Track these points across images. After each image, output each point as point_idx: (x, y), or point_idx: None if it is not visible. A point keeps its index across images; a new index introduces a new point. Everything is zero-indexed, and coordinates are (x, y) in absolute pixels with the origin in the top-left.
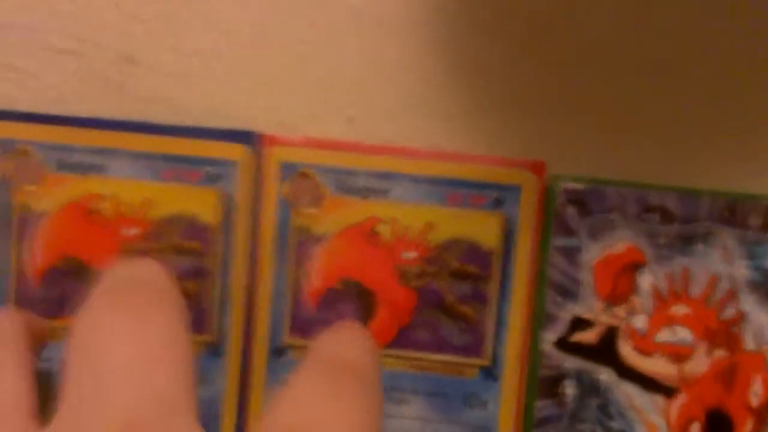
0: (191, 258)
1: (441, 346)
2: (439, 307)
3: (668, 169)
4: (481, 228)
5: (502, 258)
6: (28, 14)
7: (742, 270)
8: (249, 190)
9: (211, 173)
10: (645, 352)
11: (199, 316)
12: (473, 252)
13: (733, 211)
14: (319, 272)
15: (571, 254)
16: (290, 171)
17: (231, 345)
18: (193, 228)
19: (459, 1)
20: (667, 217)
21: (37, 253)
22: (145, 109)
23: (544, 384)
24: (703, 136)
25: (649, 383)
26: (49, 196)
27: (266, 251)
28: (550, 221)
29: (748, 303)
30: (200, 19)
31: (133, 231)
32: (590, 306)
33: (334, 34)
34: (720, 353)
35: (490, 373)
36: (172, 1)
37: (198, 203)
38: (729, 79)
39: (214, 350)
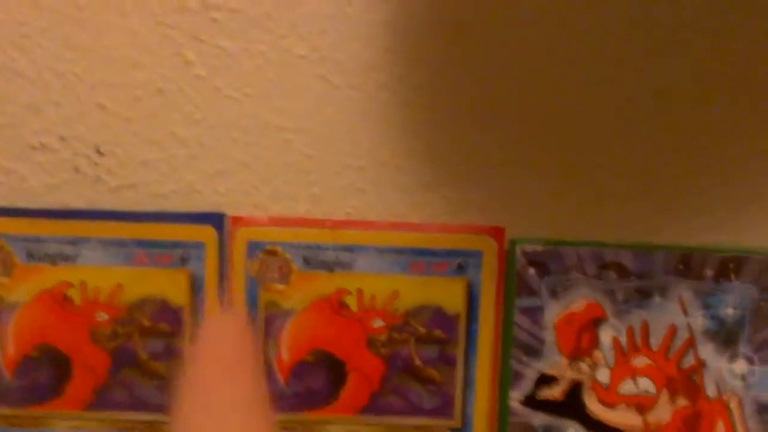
0: (162, 340)
1: (412, 411)
2: (408, 372)
3: (623, 227)
4: (446, 294)
5: (466, 321)
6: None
7: (698, 320)
8: (217, 269)
9: (181, 255)
10: (609, 404)
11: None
12: (439, 317)
13: (687, 264)
14: (288, 346)
15: (534, 314)
16: (257, 249)
17: None
18: (163, 310)
19: (415, 77)
20: (623, 273)
21: (11, 343)
22: (114, 198)
23: None
24: (656, 194)
25: None
26: (21, 287)
27: None
28: (512, 283)
29: (706, 351)
30: (164, 107)
31: (103, 316)
32: (555, 362)
33: (297, 117)
34: (682, 402)
35: None
36: (136, 93)
37: (168, 285)
38: (679, 138)
39: None
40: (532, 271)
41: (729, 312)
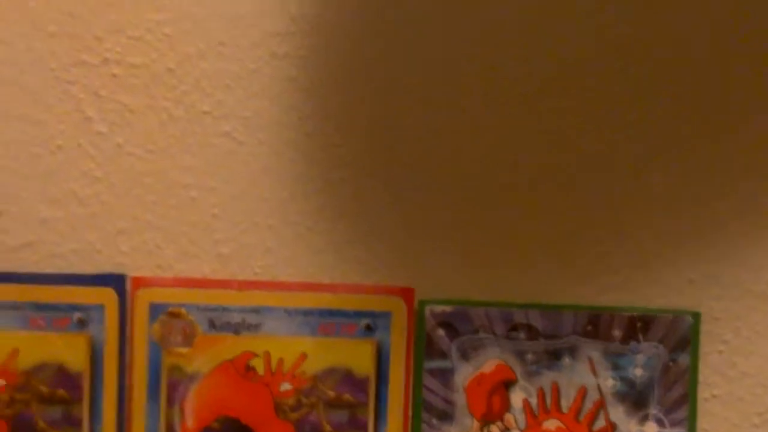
0: (60, 407)
1: None
2: None
3: (532, 288)
4: (355, 356)
5: (376, 384)
6: None
7: (608, 381)
8: (118, 333)
9: (80, 319)
10: None
11: None
12: (348, 380)
13: (595, 325)
14: (194, 412)
15: (444, 376)
16: (160, 311)
17: None
18: (61, 376)
19: (323, 135)
20: (532, 333)
21: None
22: (11, 257)
23: None
24: (563, 254)
25: None
26: None
27: (138, 393)
28: (422, 345)
29: (617, 413)
30: (63, 165)
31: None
32: (466, 426)
33: (202, 175)
34: None
35: None
36: (33, 150)
37: (67, 350)
38: (583, 199)
39: None
40: (441, 332)
41: (638, 373)
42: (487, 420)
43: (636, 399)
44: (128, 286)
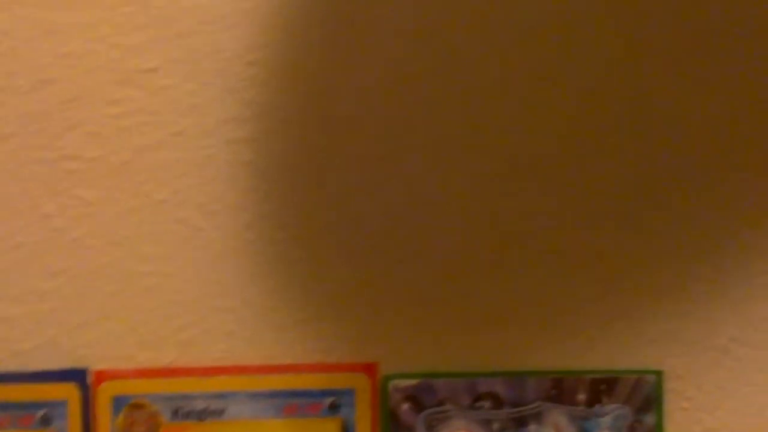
0: None
1: None
2: None
3: (495, 355)
4: None
5: None
6: None
7: None
8: (81, 428)
9: (44, 416)
10: None
11: None
12: None
13: (559, 389)
14: None
15: None
16: (123, 404)
17: None
18: None
19: (280, 215)
20: (498, 402)
21: None
22: None
23: None
24: (525, 319)
25: None
26: None
27: None
28: (387, 420)
29: None
30: (22, 262)
31: None
32: None
33: (160, 262)
34: None
35: None
36: None
37: None
38: (543, 262)
39: None
40: (406, 406)
41: None
42: None
43: None
44: (90, 380)
